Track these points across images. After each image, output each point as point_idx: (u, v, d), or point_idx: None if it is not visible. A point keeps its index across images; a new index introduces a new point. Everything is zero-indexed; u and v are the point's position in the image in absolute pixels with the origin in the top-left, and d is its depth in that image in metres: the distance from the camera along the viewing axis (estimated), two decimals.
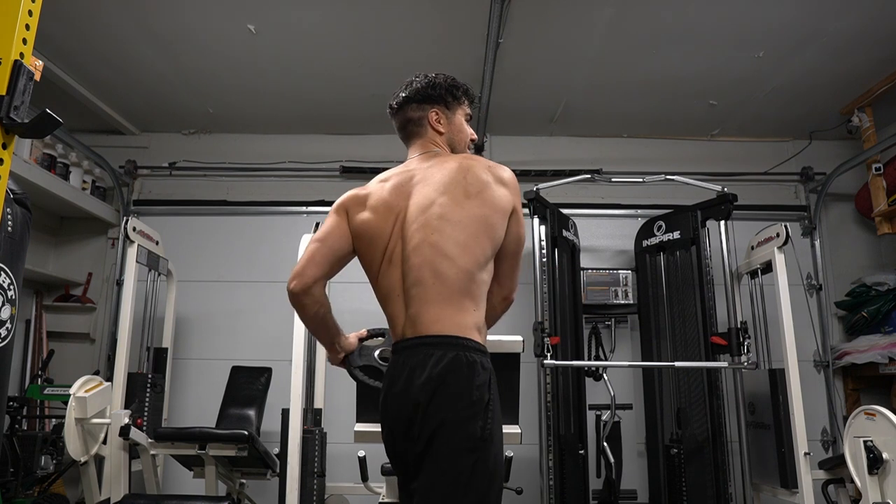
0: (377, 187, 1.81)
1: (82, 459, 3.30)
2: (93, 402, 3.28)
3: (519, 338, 2.64)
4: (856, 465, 2.95)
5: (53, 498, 3.60)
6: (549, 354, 3.52)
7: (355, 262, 1.82)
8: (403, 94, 1.93)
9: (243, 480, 3.71)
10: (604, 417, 3.73)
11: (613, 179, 4.39)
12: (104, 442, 3.39)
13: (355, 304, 3.63)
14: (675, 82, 4.06)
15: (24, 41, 1.23)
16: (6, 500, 3.31)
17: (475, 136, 2.00)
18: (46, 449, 3.61)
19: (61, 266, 4.63)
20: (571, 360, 3.90)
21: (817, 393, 4.34)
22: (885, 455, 2.85)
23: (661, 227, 4.18)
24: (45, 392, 3.70)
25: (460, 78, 1.99)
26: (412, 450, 1.60)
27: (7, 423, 3.59)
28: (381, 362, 1.94)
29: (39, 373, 4.11)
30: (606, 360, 4.27)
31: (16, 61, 1.20)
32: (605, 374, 3.79)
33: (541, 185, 3.94)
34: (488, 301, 1.75)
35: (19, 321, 4.26)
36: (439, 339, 1.61)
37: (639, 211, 4.66)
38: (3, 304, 2.12)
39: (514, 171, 1.82)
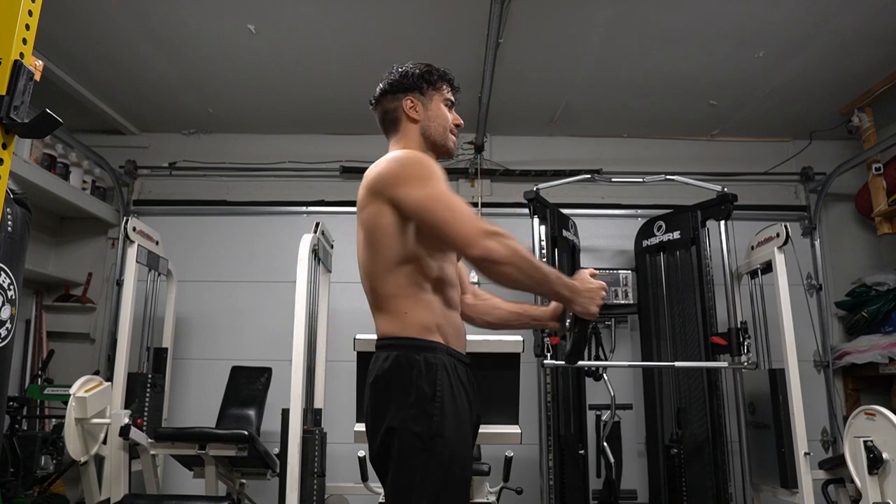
0: None
1: (82, 459, 3.30)
2: (93, 402, 3.28)
3: (519, 338, 2.65)
4: (856, 465, 2.95)
5: (53, 498, 3.60)
6: (549, 354, 3.52)
7: (353, 262, 1.83)
8: (380, 87, 1.92)
9: (243, 480, 3.70)
10: (604, 417, 3.73)
11: (613, 179, 4.39)
12: (104, 442, 3.39)
13: (355, 303, 3.62)
14: (675, 82, 4.06)
15: (24, 41, 1.23)
16: (6, 500, 3.31)
17: (460, 121, 1.93)
18: (46, 449, 3.60)
19: (61, 266, 4.62)
20: (571, 368, 3.89)
21: (817, 393, 4.34)
22: (885, 455, 2.85)
23: (661, 227, 4.18)
24: (45, 392, 3.70)
25: (460, 78, 1.98)
26: (372, 452, 1.66)
27: (7, 423, 3.59)
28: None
29: (39, 373, 4.11)
30: (606, 360, 4.27)
31: (16, 61, 1.19)
32: (605, 374, 3.80)
33: (541, 185, 3.94)
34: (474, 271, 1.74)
35: (19, 321, 4.26)
36: (379, 341, 1.68)
37: (639, 211, 4.66)
38: (3, 304, 2.12)
39: (514, 171, 1.82)
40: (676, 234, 4.06)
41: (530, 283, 1.60)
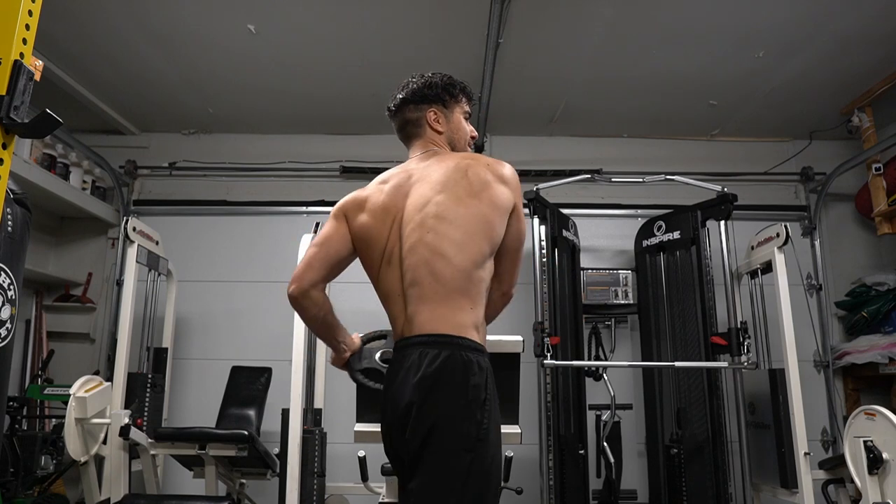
0: (375, 189, 1.82)
1: (82, 459, 3.30)
2: (93, 402, 3.28)
3: (519, 338, 2.64)
4: (856, 465, 2.95)
5: (53, 498, 3.60)
6: (549, 354, 3.52)
7: (356, 261, 1.83)
8: (401, 96, 1.92)
9: (243, 480, 3.70)
10: (604, 417, 3.73)
11: (613, 179, 4.38)
12: (104, 442, 3.39)
13: (356, 304, 3.61)
14: (675, 82, 4.06)
15: (24, 41, 1.23)
16: (6, 500, 3.31)
17: (475, 134, 1.99)
18: (46, 449, 3.60)
19: (61, 266, 4.62)
20: (571, 360, 3.90)
21: (817, 393, 4.34)
22: (885, 455, 2.85)
23: (661, 227, 4.18)
24: (45, 392, 3.70)
25: (460, 78, 1.98)
26: (408, 449, 1.60)
27: (7, 423, 3.59)
28: (381, 364, 1.94)
29: (39, 373, 4.11)
30: (606, 360, 4.27)
31: (16, 61, 1.19)
32: (605, 374, 3.80)
33: (541, 185, 3.94)
34: (488, 297, 1.74)
35: (19, 321, 4.26)
36: (435, 337, 1.61)
37: (639, 211, 4.66)
38: (4, 304, 2.12)
39: None
40: (676, 234, 4.06)
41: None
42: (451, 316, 1.62)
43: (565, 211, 4.19)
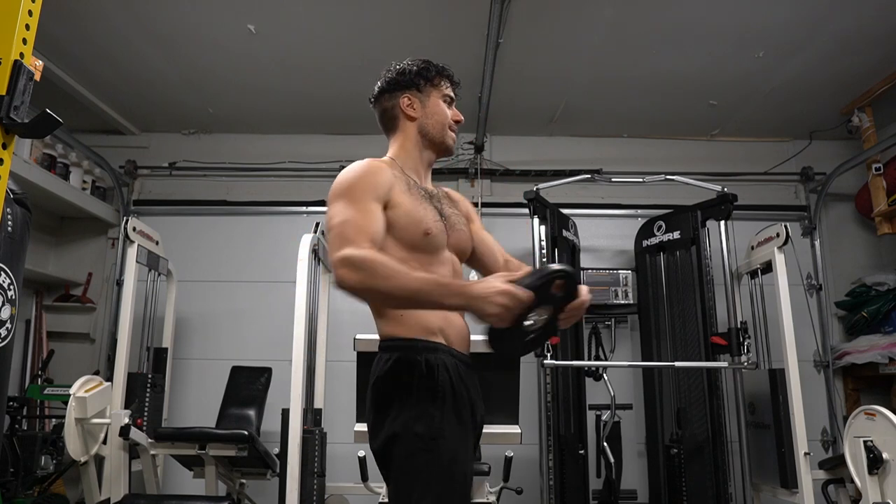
0: None
1: (82, 459, 3.30)
2: (93, 402, 3.28)
3: None
4: (856, 465, 2.95)
5: (53, 498, 3.60)
6: (548, 354, 3.52)
7: None
8: (378, 85, 1.90)
9: (243, 480, 3.70)
10: (604, 417, 3.73)
11: (613, 179, 4.38)
12: (104, 442, 3.39)
13: (355, 303, 3.62)
14: (675, 82, 4.06)
15: (25, 41, 1.23)
16: (6, 500, 3.31)
17: (460, 117, 1.89)
18: (46, 449, 3.60)
19: (61, 266, 4.62)
20: (571, 360, 3.90)
21: (817, 393, 4.33)
22: (885, 455, 2.85)
23: (661, 227, 4.17)
24: (45, 392, 3.70)
25: (460, 78, 1.96)
26: (375, 453, 1.67)
27: (7, 423, 3.59)
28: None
29: (39, 373, 4.11)
30: (606, 360, 4.27)
31: (16, 61, 1.19)
32: (605, 374, 3.80)
33: (541, 185, 3.94)
34: None
35: (19, 321, 4.26)
36: (381, 342, 1.70)
37: (639, 211, 4.65)
38: (3, 305, 2.12)
39: (514, 171, 1.82)
40: (676, 234, 4.06)
41: (399, 302, 1.56)
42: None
43: (565, 211, 4.19)
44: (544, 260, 3.78)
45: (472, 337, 1.77)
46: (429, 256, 1.66)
